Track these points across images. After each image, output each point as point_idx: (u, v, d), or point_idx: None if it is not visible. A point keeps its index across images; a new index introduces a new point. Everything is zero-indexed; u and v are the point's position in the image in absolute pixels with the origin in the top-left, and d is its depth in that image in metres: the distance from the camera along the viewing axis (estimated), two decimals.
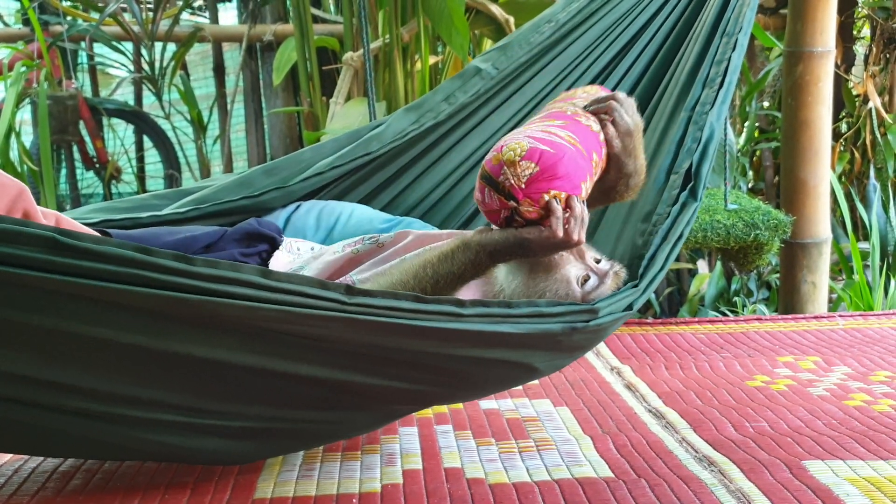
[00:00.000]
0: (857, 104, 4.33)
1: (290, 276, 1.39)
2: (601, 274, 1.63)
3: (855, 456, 1.76)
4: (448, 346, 1.51)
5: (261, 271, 1.36)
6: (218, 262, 1.34)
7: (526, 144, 1.50)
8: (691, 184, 1.79)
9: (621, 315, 1.62)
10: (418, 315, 1.44)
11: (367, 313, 1.40)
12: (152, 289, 1.30)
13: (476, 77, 2.14)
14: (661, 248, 1.72)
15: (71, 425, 1.48)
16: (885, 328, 2.81)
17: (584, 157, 1.55)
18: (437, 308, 1.45)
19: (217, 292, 1.33)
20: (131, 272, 1.28)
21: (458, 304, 1.47)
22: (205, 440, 1.56)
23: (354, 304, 1.39)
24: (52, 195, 3.62)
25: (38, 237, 1.25)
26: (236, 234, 1.80)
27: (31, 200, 1.49)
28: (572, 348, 1.65)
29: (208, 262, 1.33)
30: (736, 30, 1.95)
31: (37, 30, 3.88)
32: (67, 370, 1.39)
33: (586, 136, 1.59)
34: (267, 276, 1.36)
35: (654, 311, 3.90)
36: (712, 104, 1.87)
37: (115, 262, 1.28)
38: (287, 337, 1.42)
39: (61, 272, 1.26)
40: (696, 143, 1.83)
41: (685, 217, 1.76)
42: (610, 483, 1.66)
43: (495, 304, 1.50)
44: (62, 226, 1.53)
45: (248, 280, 1.34)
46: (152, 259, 1.29)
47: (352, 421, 1.70)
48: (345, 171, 2.06)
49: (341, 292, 1.39)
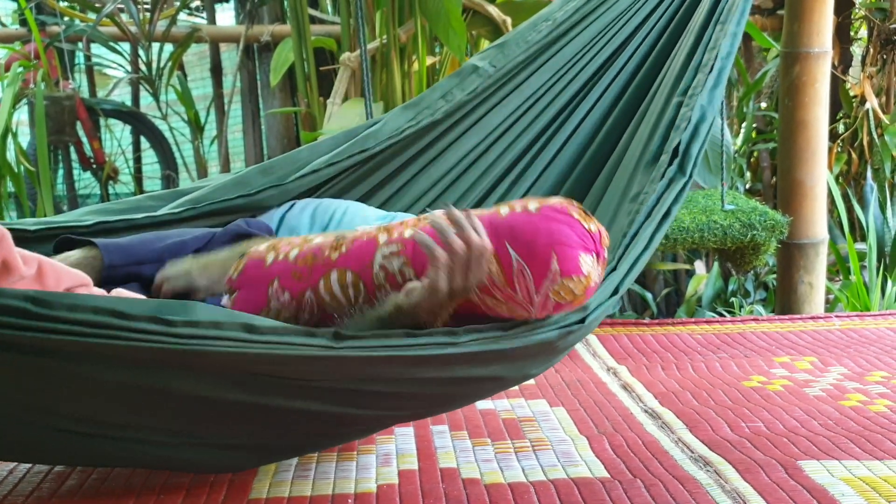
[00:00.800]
0: (854, 105, 4.33)
1: (274, 328, 1.35)
2: None
3: (851, 456, 1.76)
4: (444, 370, 1.48)
5: (244, 326, 1.32)
6: (198, 321, 1.29)
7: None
8: (679, 159, 1.76)
9: (609, 302, 1.58)
10: (411, 348, 1.40)
11: (357, 351, 1.37)
12: (130, 343, 1.27)
13: (473, 75, 2.14)
14: (644, 225, 1.68)
15: (66, 441, 1.47)
16: (881, 329, 2.81)
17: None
18: (430, 340, 1.41)
19: (199, 347, 1.30)
20: (107, 333, 1.26)
21: (451, 333, 1.42)
22: (197, 453, 1.55)
23: (343, 346, 1.36)
24: (49, 196, 3.62)
25: (8, 307, 1.23)
26: (225, 236, 1.79)
27: (11, 247, 1.43)
28: (566, 347, 1.64)
29: (189, 322, 1.29)
30: (730, 18, 1.94)
31: (34, 30, 3.87)
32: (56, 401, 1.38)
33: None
34: (251, 331, 1.32)
35: (652, 311, 3.90)
36: (703, 87, 1.86)
37: (90, 327, 1.26)
38: (277, 378, 1.40)
39: (37, 332, 1.25)
40: (685, 123, 1.82)
41: (672, 193, 1.73)
42: (606, 483, 1.66)
43: (488, 329, 1.45)
44: (44, 271, 1.47)
45: (231, 336, 1.31)
46: (128, 323, 1.26)
47: (346, 436, 1.72)
48: (341, 169, 2.05)
49: (329, 338, 1.36)
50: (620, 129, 2.08)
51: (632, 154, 1.95)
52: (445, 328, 1.43)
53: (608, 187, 1.99)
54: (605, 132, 2.09)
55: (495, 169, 2.13)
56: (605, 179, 2.02)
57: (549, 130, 2.13)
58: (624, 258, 1.63)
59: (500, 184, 2.12)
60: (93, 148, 4.38)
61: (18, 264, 1.44)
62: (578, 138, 2.13)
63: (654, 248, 1.69)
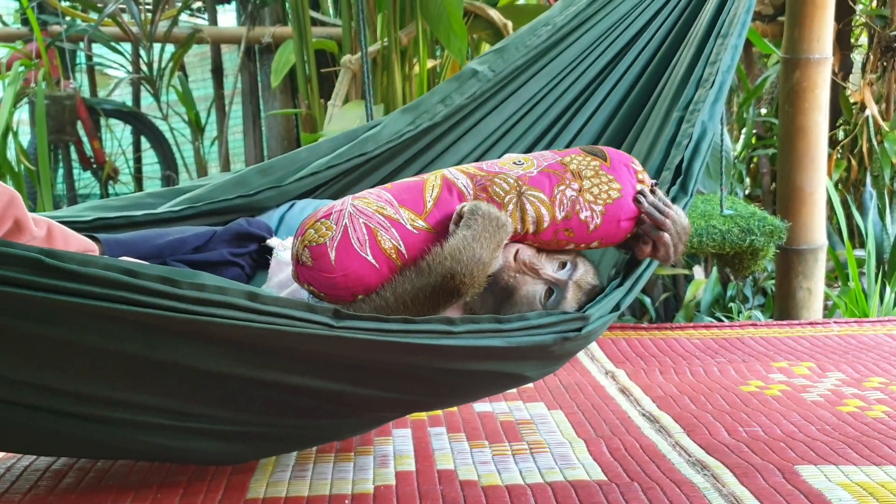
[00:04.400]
0: (854, 112, 4.34)
1: (276, 300, 1.38)
2: (562, 284, 1.60)
3: (848, 461, 1.76)
4: (439, 361, 1.51)
5: (247, 294, 1.35)
6: (204, 284, 1.32)
7: (327, 236, 1.49)
8: (681, 178, 1.77)
9: (609, 317, 1.61)
10: (408, 334, 1.43)
11: (355, 333, 1.40)
12: (138, 307, 1.29)
13: (473, 79, 2.14)
14: None
15: (62, 426, 1.47)
16: (879, 335, 2.81)
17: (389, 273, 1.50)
18: (427, 327, 1.44)
19: (204, 313, 1.32)
20: (117, 294, 1.28)
21: (448, 322, 1.45)
22: (194, 441, 1.55)
23: (342, 326, 1.38)
24: (49, 195, 3.62)
25: (23, 258, 1.25)
26: (226, 234, 1.80)
27: (23, 208, 1.46)
28: (562, 356, 1.64)
29: (195, 284, 1.31)
30: (731, 31, 1.95)
31: (35, 29, 3.88)
32: (58, 374, 1.39)
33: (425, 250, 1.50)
34: (254, 300, 1.35)
35: (650, 316, 3.90)
36: (704, 102, 1.86)
37: (100, 284, 1.27)
38: (275, 351, 1.42)
39: (47, 290, 1.26)
40: (687, 140, 1.82)
41: None
42: (603, 486, 1.66)
43: (485, 321, 1.49)
44: (53, 234, 1.50)
45: (235, 303, 1.33)
46: (137, 281, 1.28)
47: (341, 426, 1.71)
48: (340, 171, 2.06)
49: (329, 316, 1.38)
50: (620, 138, 2.08)
51: None
52: (443, 317, 1.46)
53: None
54: (605, 140, 2.09)
55: None
56: None
57: (547, 135, 2.13)
58: (629, 276, 1.65)
59: None
60: (93, 148, 4.39)
61: (30, 225, 1.47)
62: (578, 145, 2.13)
63: (655, 265, 1.71)
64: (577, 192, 1.57)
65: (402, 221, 1.51)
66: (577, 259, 1.65)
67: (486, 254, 1.48)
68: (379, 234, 1.49)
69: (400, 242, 1.50)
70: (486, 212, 1.50)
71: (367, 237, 1.49)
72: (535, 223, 1.56)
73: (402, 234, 1.50)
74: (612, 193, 1.59)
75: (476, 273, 1.47)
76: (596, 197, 1.58)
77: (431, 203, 1.54)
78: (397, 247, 1.50)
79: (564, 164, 1.60)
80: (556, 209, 1.56)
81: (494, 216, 1.50)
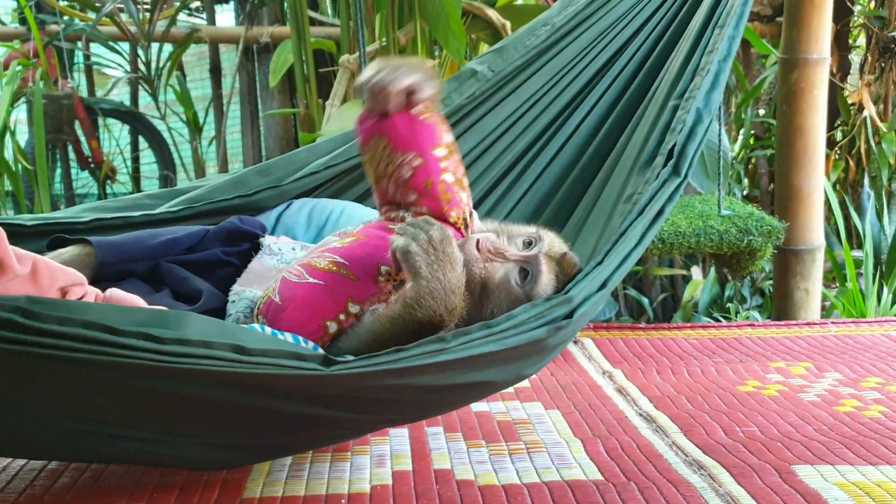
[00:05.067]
0: (852, 112, 4.35)
1: (264, 350, 1.33)
2: (532, 259, 1.57)
3: (844, 461, 1.76)
4: (435, 377, 1.47)
5: (234, 347, 1.30)
6: (188, 339, 1.28)
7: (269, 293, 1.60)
8: (673, 160, 1.74)
9: (597, 296, 1.55)
10: (401, 362, 1.38)
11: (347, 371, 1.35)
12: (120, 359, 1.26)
13: (472, 79, 2.15)
14: (635, 222, 1.65)
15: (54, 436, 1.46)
16: (876, 335, 2.81)
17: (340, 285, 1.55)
18: (419, 351, 1.39)
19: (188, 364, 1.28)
20: (96, 349, 1.25)
21: (440, 340, 1.41)
22: (190, 450, 1.54)
23: (332, 372, 1.34)
24: (47, 195, 3.62)
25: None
26: (219, 234, 1.79)
27: (5, 246, 1.39)
28: (557, 345, 1.63)
29: (179, 340, 1.27)
30: (728, 22, 1.94)
31: (33, 29, 3.88)
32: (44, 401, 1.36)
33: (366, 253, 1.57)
34: (240, 352, 1.30)
35: (648, 316, 3.90)
36: (699, 89, 1.85)
37: (79, 341, 1.24)
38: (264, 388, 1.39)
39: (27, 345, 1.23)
40: (681, 125, 1.80)
41: (666, 192, 1.71)
42: (599, 486, 1.66)
43: (475, 329, 1.43)
44: (38, 270, 1.45)
45: (221, 356, 1.29)
46: (118, 339, 1.25)
47: (337, 438, 1.71)
48: (339, 171, 2.06)
49: (318, 363, 1.34)
50: (617, 133, 2.08)
51: (628, 157, 1.95)
52: (434, 337, 1.41)
53: (604, 190, 1.99)
54: (602, 136, 2.09)
55: (492, 171, 2.13)
56: (602, 182, 2.02)
57: (546, 134, 2.13)
58: (612, 253, 1.60)
59: (497, 186, 2.13)
60: (91, 147, 4.39)
61: (13, 263, 1.41)
62: (575, 142, 2.13)
63: (645, 245, 1.65)
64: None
65: (331, 245, 1.62)
66: (539, 231, 1.64)
67: (453, 277, 1.46)
68: (312, 262, 1.59)
69: (334, 256, 1.58)
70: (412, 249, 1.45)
71: (301, 269, 1.59)
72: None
73: (333, 251, 1.59)
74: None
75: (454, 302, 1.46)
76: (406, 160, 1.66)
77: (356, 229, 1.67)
78: (333, 260, 1.57)
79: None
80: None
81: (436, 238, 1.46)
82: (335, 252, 1.58)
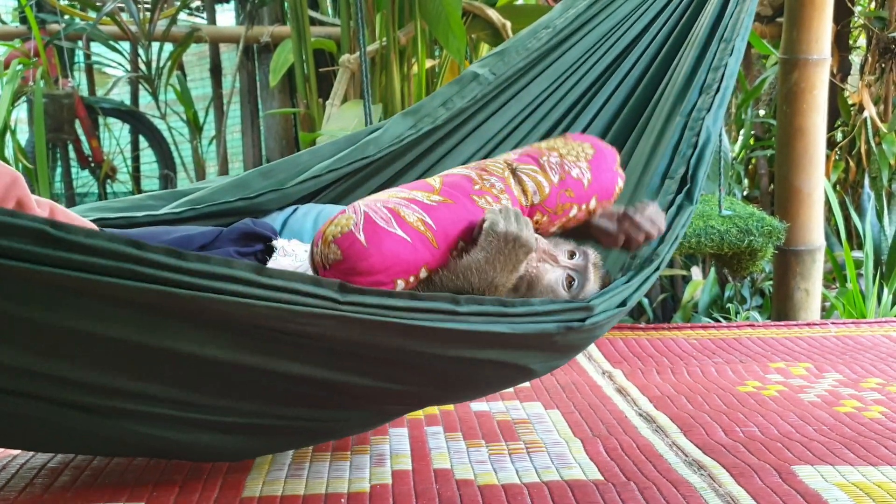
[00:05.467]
0: (852, 113, 4.35)
1: (282, 273, 1.38)
2: (582, 269, 1.62)
3: (844, 461, 1.76)
4: (442, 346, 1.50)
5: (254, 268, 1.35)
6: (210, 257, 1.33)
7: (350, 224, 1.50)
8: (687, 187, 1.79)
9: (615, 312, 1.61)
10: (412, 313, 1.42)
11: (360, 311, 1.39)
12: (143, 282, 1.28)
13: (473, 82, 2.14)
14: (657, 249, 1.72)
15: (63, 417, 1.47)
16: (876, 336, 2.81)
17: (423, 248, 1.51)
18: (432, 305, 1.44)
19: (209, 288, 1.31)
20: (122, 266, 1.27)
21: (454, 301, 1.45)
22: (197, 434, 1.55)
23: (348, 301, 1.38)
24: (47, 194, 3.62)
25: (28, 229, 1.23)
26: (232, 233, 1.80)
27: (25, 189, 1.46)
28: (567, 348, 1.64)
29: (200, 257, 1.32)
30: (733, 35, 1.95)
31: (34, 28, 3.88)
32: (59, 362, 1.38)
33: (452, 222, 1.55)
34: (260, 273, 1.34)
35: (648, 316, 3.90)
36: (708, 109, 1.87)
37: (106, 256, 1.26)
38: (279, 334, 1.41)
39: (51, 264, 1.25)
40: (691, 149, 1.84)
41: (681, 220, 1.77)
42: (599, 486, 1.66)
43: (490, 302, 1.49)
44: (56, 216, 1.50)
45: (241, 276, 1.33)
46: (143, 254, 1.28)
47: (344, 420, 1.69)
48: (341, 174, 2.05)
49: (335, 289, 1.38)
50: (623, 139, 2.08)
51: (633, 167, 1.96)
52: (448, 295, 1.47)
53: None
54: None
55: None
56: None
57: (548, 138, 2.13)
58: (638, 275, 1.66)
59: None
60: (91, 146, 4.39)
61: (33, 205, 1.47)
62: None
63: (664, 267, 1.73)
64: (559, 158, 1.65)
65: (418, 199, 1.54)
66: (581, 247, 1.67)
67: (500, 277, 1.51)
68: (401, 210, 1.52)
69: (423, 214, 1.52)
70: (503, 232, 1.50)
71: (390, 215, 1.51)
72: (537, 192, 1.61)
73: (423, 208, 1.53)
74: (587, 151, 1.68)
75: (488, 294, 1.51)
76: (577, 157, 1.66)
77: (439, 184, 1.59)
78: (422, 218, 1.51)
79: (534, 146, 1.70)
80: (549, 174, 1.62)
81: (512, 235, 1.51)
82: (424, 209, 1.54)
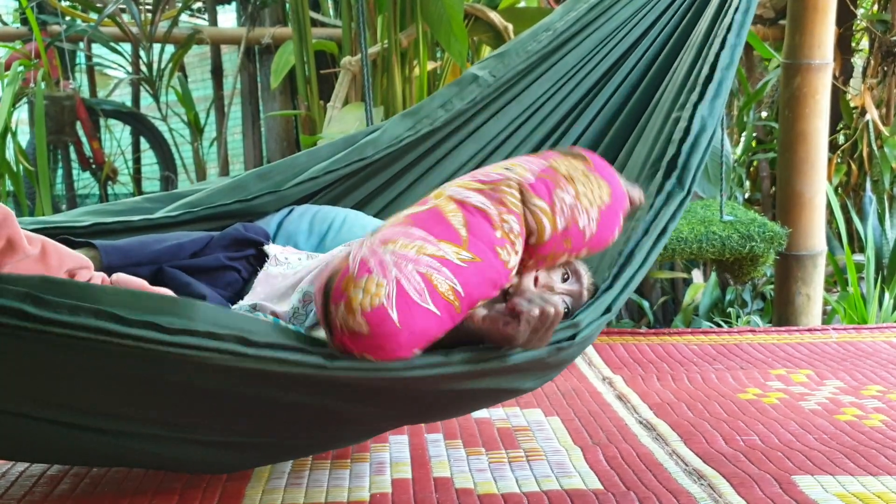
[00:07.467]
0: (854, 116, 4.34)
1: (270, 342, 1.33)
2: (577, 295, 1.60)
3: (844, 471, 1.76)
4: (436, 385, 1.49)
5: (240, 339, 1.31)
6: (195, 330, 1.29)
7: (381, 296, 1.29)
8: (677, 171, 1.73)
9: (601, 320, 1.57)
10: (403, 371, 1.39)
11: (350, 371, 1.36)
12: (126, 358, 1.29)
13: (473, 84, 2.13)
14: (641, 243, 1.65)
15: (55, 435, 1.46)
16: (878, 342, 2.81)
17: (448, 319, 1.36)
18: (424, 361, 1.39)
19: (194, 356, 1.30)
20: (106, 339, 1.26)
21: (445, 354, 1.41)
22: (189, 450, 1.55)
23: (336, 367, 1.35)
24: (48, 195, 3.61)
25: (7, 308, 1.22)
26: (223, 240, 1.79)
27: (16, 226, 1.43)
28: (559, 364, 1.63)
29: (186, 331, 1.29)
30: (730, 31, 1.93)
31: (35, 29, 3.87)
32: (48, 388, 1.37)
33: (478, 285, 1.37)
34: (247, 344, 1.31)
35: (648, 320, 3.90)
36: (700, 99, 1.84)
37: (89, 331, 1.25)
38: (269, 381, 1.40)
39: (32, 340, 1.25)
40: (685, 135, 1.79)
41: (670, 208, 1.70)
42: (599, 495, 1.66)
43: (480, 349, 1.45)
44: (48, 252, 1.47)
45: (227, 349, 1.30)
46: (128, 330, 1.26)
47: (337, 437, 1.70)
48: (339, 176, 2.05)
49: (324, 357, 1.35)
50: (621, 142, 2.07)
51: (631, 168, 1.94)
52: (440, 351, 1.41)
53: None
54: (605, 145, 2.08)
55: None
56: None
57: (548, 141, 2.12)
58: (619, 276, 1.62)
59: None
60: (92, 148, 4.38)
61: (23, 244, 1.44)
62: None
63: (650, 265, 1.66)
64: (574, 198, 1.46)
65: (449, 257, 1.34)
66: (573, 266, 1.63)
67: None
68: (433, 278, 1.32)
69: (455, 281, 1.34)
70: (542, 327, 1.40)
71: (423, 286, 1.31)
72: (536, 233, 1.44)
73: (454, 271, 1.34)
74: (604, 196, 1.49)
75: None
76: (591, 201, 1.47)
77: (464, 231, 1.37)
78: (453, 287, 1.34)
79: (554, 167, 1.49)
80: (557, 218, 1.44)
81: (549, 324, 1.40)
82: (454, 272, 1.35)
